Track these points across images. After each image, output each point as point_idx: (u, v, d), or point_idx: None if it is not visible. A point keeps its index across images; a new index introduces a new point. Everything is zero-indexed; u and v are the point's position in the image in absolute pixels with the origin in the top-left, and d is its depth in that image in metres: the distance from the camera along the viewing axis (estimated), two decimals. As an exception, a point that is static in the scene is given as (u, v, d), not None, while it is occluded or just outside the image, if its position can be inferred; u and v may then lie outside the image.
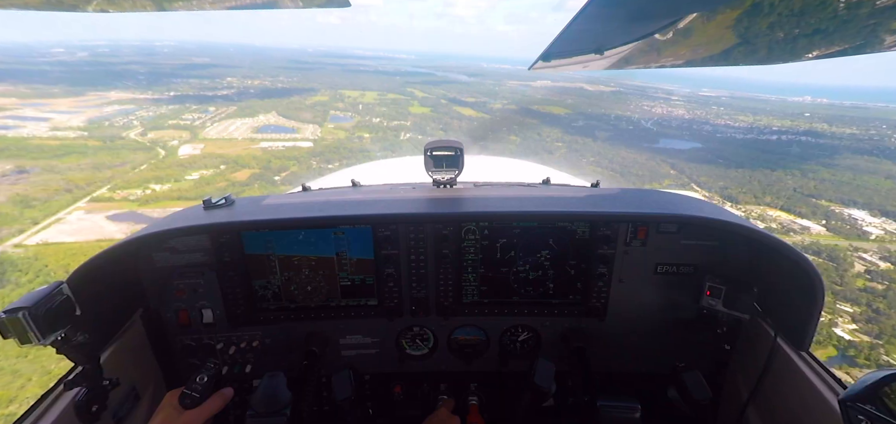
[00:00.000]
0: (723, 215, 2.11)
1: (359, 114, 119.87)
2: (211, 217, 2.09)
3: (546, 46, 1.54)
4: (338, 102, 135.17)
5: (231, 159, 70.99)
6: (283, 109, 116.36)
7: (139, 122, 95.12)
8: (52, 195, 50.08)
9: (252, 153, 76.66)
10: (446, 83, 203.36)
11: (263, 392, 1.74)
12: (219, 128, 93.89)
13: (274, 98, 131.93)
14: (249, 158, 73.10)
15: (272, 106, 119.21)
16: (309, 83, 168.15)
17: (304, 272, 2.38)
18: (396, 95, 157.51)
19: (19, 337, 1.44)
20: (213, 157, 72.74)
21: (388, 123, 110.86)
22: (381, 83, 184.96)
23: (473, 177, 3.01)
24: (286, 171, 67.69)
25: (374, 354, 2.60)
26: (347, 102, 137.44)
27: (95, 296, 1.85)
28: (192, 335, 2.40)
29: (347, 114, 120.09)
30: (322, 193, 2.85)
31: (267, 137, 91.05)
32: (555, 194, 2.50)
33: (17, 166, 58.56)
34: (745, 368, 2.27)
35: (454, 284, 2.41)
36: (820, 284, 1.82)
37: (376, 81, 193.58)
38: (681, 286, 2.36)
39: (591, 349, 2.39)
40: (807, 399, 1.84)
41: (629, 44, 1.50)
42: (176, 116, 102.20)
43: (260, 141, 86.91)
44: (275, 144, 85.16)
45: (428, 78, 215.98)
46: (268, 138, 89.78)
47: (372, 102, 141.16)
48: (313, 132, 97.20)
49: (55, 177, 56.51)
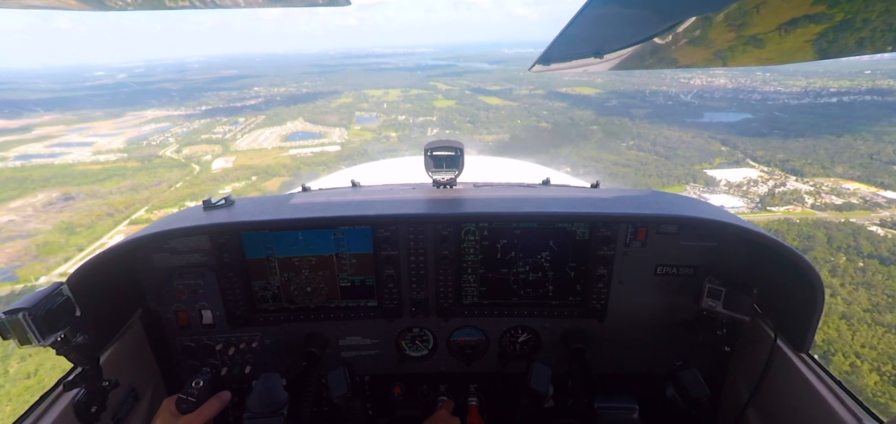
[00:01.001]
0: (722, 216, 2.10)
1: (384, 113, 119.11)
2: (210, 218, 2.09)
3: (544, 50, 1.54)
4: (362, 103, 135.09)
5: (262, 170, 71.39)
6: (309, 115, 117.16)
7: (174, 139, 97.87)
8: (95, 221, 51.37)
9: (282, 162, 76.97)
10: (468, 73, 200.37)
11: (259, 393, 1.73)
12: (249, 139, 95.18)
13: (300, 104, 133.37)
14: (280, 166, 73.34)
15: (299, 112, 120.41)
16: (333, 86, 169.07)
17: (304, 272, 2.35)
18: (420, 91, 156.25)
19: (19, 338, 1.45)
20: (245, 168, 73.45)
21: (414, 121, 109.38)
22: (404, 80, 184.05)
23: (473, 177, 2.97)
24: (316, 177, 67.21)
25: (374, 355, 2.57)
26: (372, 101, 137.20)
27: (95, 297, 1.86)
28: (192, 335, 2.38)
29: (373, 114, 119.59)
30: (322, 193, 2.81)
31: (295, 144, 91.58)
32: (555, 194, 2.50)
33: (64, 194, 60.68)
34: (745, 369, 2.25)
35: (454, 285, 2.38)
36: (820, 285, 1.82)
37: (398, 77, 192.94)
38: (681, 288, 2.33)
39: (590, 350, 2.38)
40: (807, 401, 1.83)
41: (629, 47, 1.49)
42: (208, 130, 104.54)
43: (289, 149, 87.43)
44: (303, 151, 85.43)
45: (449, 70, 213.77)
46: (296, 146, 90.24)
47: (396, 99, 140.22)
48: (340, 135, 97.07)
49: (98, 202, 58.18)
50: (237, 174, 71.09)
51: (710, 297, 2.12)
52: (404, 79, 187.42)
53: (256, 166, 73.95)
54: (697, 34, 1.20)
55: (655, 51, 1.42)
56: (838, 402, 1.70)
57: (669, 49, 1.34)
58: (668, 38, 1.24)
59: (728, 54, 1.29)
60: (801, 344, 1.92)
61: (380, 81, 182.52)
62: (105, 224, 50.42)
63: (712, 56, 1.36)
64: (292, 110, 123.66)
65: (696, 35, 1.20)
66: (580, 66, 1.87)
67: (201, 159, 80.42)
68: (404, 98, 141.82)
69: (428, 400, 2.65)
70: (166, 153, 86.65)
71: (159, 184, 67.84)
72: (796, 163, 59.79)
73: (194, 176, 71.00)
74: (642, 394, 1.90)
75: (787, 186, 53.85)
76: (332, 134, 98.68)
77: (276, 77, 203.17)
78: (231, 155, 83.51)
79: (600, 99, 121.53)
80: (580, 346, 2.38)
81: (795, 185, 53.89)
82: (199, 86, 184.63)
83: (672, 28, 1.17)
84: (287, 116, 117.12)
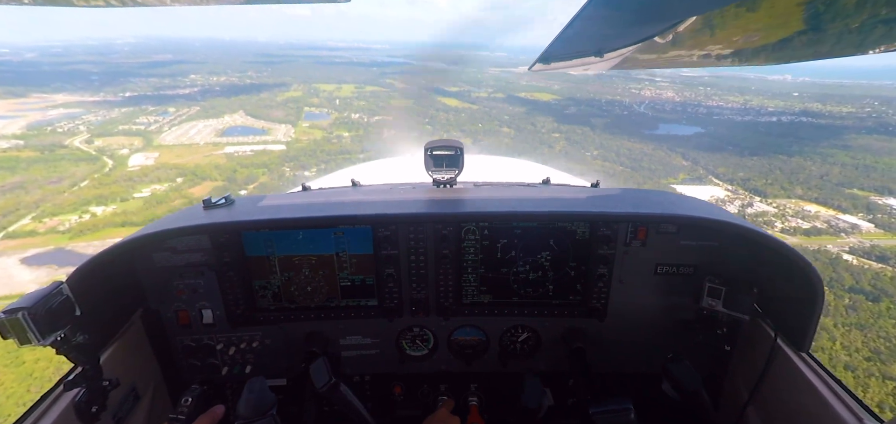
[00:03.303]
0: (722, 215, 2.11)
1: (336, 110, 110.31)
2: (211, 217, 2.11)
3: (545, 48, 1.51)
4: (312, 98, 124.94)
5: (189, 170, 61.46)
6: (251, 108, 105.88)
7: (86, 127, 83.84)
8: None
9: (214, 161, 67.22)
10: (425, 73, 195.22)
11: (247, 398, 1.73)
12: (177, 132, 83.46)
13: (242, 96, 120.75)
14: (211, 167, 63.66)
15: (239, 105, 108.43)
16: (280, 78, 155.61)
17: (304, 272, 2.36)
18: (375, 88, 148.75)
19: (19, 338, 1.45)
20: (169, 167, 63.00)
21: (368, 119, 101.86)
22: (357, 75, 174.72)
23: (473, 177, 2.94)
24: (255, 181, 58.72)
25: (375, 354, 2.58)
26: (323, 96, 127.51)
27: (95, 296, 1.88)
28: (192, 335, 2.39)
29: (324, 110, 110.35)
30: (322, 192, 2.82)
31: (232, 140, 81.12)
32: (555, 194, 2.51)
33: (-81, 192, 47.94)
34: (745, 369, 2.26)
35: (454, 284, 2.39)
36: (819, 285, 1.84)
37: (352, 72, 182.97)
38: (681, 287, 2.34)
39: (590, 349, 2.39)
40: (806, 400, 1.85)
41: (629, 46, 1.48)
42: (129, 120, 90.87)
43: (224, 146, 77.17)
44: (241, 149, 75.68)
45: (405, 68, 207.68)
46: (234, 142, 79.99)
47: (349, 95, 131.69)
48: (286, 133, 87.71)
49: (-35, 205, 46.31)
50: (158, 174, 60.65)
51: (710, 296, 2.13)
52: (358, 74, 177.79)
53: (183, 166, 63.55)
54: (697, 33, 1.17)
55: (655, 50, 1.40)
56: (838, 401, 1.71)
57: (669, 48, 1.33)
58: (669, 37, 1.23)
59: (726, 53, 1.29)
60: (801, 343, 1.93)
61: (332, 74, 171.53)
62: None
63: (712, 56, 1.37)
64: (232, 102, 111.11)
65: (696, 34, 1.18)
66: (581, 65, 1.84)
67: (116, 154, 68.41)
68: (358, 95, 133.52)
69: (428, 400, 2.64)
70: (74, 143, 73.38)
71: (59, 181, 55.89)
72: (758, 183, 60.01)
73: (104, 174, 59.60)
74: (642, 393, 1.91)
75: (755, 207, 53.24)
76: (277, 131, 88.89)
77: (216, 65, 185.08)
78: (154, 150, 71.98)
79: (559, 106, 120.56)
80: (580, 345, 2.39)
81: (761, 206, 53.37)
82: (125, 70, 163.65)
83: (672, 27, 1.16)
84: (226, 108, 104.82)
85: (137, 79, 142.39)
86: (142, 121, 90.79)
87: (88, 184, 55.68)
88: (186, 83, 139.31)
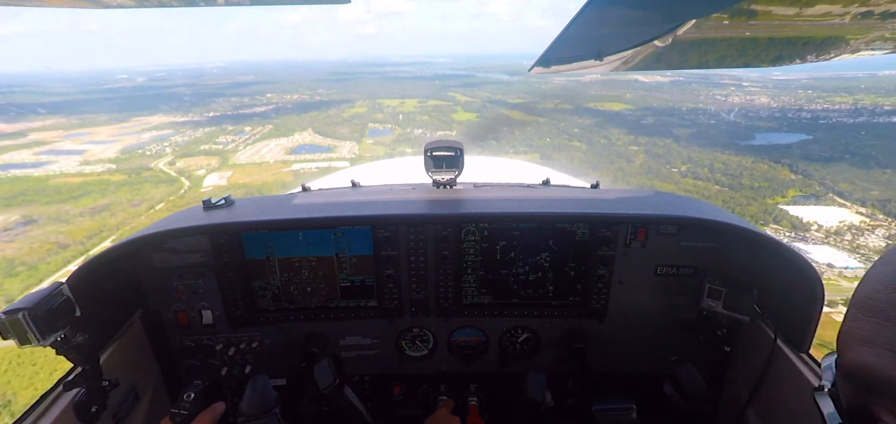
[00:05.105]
0: (722, 216, 2.12)
1: (399, 125, 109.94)
2: (210, 218, 2.11)
3: (544, 51, 1.52)
4: (376, 114, 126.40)
5: (256, 188, 62.37)
6: (319, 125, 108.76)
7: (172, 148, 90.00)
8: (43, 257, 41.90)
9: (281, 179, 68.10)
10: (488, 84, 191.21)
11: (250, 396, 1.74)
12: (250, 151, 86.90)
13: (311, 112, 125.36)
14: (278, 185, 64.52)
15: (309, 122, 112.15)
16: (347, 94, 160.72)
17: (304, 272, 2.35)
18: (438, 102, 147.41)
19: (19, 338, 1.44)
20: (239, 187, 64.62)
21: (432, 135, 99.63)
22: (421, 89, 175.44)
23: (473, 178, 2.97)
24: (317, 202, 57.77)
25: (374, 355, 2.57)
26: (386, 112, 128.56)
27: (95, 297, 1.88)
28: (192, 335, 2.39)
29: (387, 126, 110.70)
30: (322, 193, 2.82)
31: (300, 158, 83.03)
32: (555, 195, 2.51)
33: (25, 216, 51.84)
34: (746, 369, 2.26)
35: (454, 285, 2.39)
36: (819, 285, 1.83)
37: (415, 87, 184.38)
38: (681, 288, 2.34)
39: (590, 350, 2.40)
40: (807, 401, 1.81)
41: (629, 49, 1.48)
42: (210, 140, 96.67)
43: (292, 163, 78.58)
44: (308, 166, 76.45)
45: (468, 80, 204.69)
46: (301, 159, 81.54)
47: (412, 110, 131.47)
48: (350, 150, 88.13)
49: (58, 228, 49.21)
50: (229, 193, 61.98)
51: (710, 297, 2.13)
52: (422, 88, 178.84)
53: (252, 184, 65.20)
54: (698, 35, 1.19)
55: (656, 52, 1.41)
56: None
57: (669, 50, 1.33)
58: (669, 40, 1.23)
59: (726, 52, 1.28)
60: (802, 344, 1.93)
61: (396, 89, 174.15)
62: (53, 262, 40.90)
63: (712, 57, 1.36)
64: (302, 119, 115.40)
65: (697, 35, 1.19)
66: (580, 67, 1.87)
67: (193, 174, 71.96)
68: (421, 109, 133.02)
69: (428, 400, 2.63)
70: (159, 165, 78.51)
71: (139, 204, 59.16)
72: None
73: (180, 195, 62.26)
74: (643, 394, 1.92)
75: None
76: (342, 148, 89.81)
77: (290, 83, 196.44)
78: (228, 170, 75.11)
79: (633, 116, 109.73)
80: (580, 346, 2.39)
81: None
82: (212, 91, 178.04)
83: (672, 29, 1.17)
84: (296, 125, 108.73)
85: (221, 99, 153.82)
86: (221, 140, 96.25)
87: (164, 206, 58.05)
88: (263, 102, 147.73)
